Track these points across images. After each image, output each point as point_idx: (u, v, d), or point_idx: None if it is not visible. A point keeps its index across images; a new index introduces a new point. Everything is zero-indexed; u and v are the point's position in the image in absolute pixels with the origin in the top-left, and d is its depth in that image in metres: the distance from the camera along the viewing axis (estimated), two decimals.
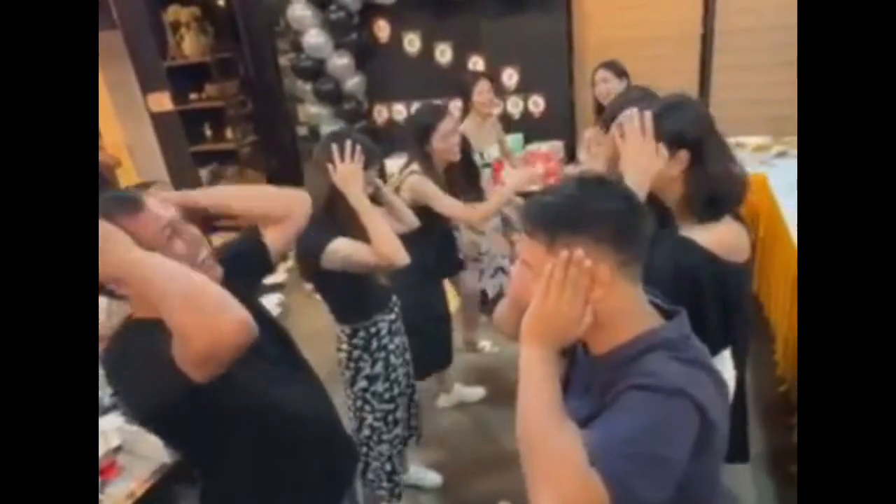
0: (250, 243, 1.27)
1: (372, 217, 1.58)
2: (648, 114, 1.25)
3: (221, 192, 1.26)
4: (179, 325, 0.87)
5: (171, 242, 1.02)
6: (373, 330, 1.81)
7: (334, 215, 1.62)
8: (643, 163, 1.23)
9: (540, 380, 0.83)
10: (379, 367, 1.83)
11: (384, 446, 1.90)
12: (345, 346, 1.83)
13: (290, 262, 3.21)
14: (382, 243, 1.56)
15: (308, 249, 1.58)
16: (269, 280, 2.07)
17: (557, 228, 0.83)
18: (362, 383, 1.84)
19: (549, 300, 0.82)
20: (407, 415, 1.98)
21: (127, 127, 4.98)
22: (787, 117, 3.46)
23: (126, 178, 4.99)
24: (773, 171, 3.00)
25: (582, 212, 0.83)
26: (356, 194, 1.59)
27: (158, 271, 0.89)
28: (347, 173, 1.59)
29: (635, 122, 1.25)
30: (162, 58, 4.44)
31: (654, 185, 1.23)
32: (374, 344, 1.82)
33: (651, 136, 1.23)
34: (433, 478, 2.35)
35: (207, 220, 3.08)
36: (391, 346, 1.85)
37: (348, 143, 1.59)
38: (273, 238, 1.28)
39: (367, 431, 1.90)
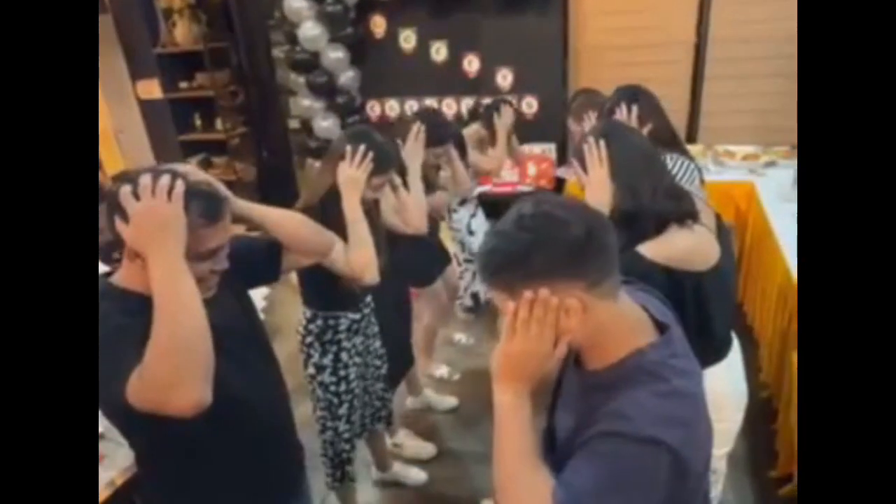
0: (269, 253, 1.30)
1: (357, 229, 1.59)
2: (602, 144, 1.31)
3: (274, 213, 1.27)
4: (148, 365, 0.87)
5: (212, 259, 1.03)
6: (331, 322, 1.80)
7: (327, 211, 1.61)
8: (600, 194, 1.30)
9: (513, 429, 0.83)
10: (327, 360, 1.82)
11: (328, 434, 1.90)
12: (301, 329, 1.84)
13: None
14: (358, 256, 1.59)
15: None
16: None
17: (512, 276, 0.80)
18: (310, 369, 1.85)
19: (515, 341, 0.80)
20: (357, 415, 1.94)
21: (115, 113, 4.90)
22: (776, 128, 3.52)
23: (112, 164, 4.91)
24: (762, 180, 3.04)
25: (532, 252, 0.78)
26: (351, 202, 1.59)
27: (175, 300, 0.90)
28: (350, 179, 1.60)
29: (593, 153, 1.31)
30: (153, 45, 4.39)
31: None
32: (328, 336, 1.81)
33: (606, 166, 1.30)
34: (417, 475, 2.35)
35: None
36: (346, 344, 1.83)
37: (361, 149, 1.59)
38: (290, 259, 1.32)
39: (315, 416, 1.91)
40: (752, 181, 3.05)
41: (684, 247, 1.29)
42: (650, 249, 1.26)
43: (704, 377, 1.41)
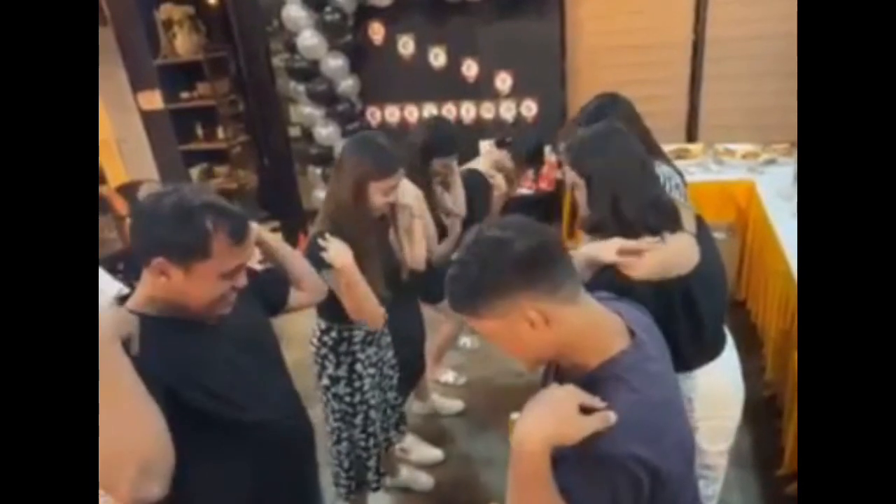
0: (278, 287, 1.35)
1: (358, 293, 1.63)
2: (655, 246, 1.30)
3: (287, 250, 1.35)
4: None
5: (234, 277, 1.05)
6: (345, 334, 1.81)
7: (350, 227, 1.63)
8: (605, 254, 1.31)
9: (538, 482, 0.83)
10: (342, 371, 1.83)
11: (343, 445, 1.91)
12: (315, 341, 1.85)
13: None
14: (362, 314, 1.68)
15: (312, 253, 1.59)
16: None
17: (473, 300, 0.86)
18: (325, 381, 1.85)
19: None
20: (375, 426, 1.95)
21: (117, 124, 4.94)
22: (775, 126, 3.53)
23: (115, 174, 4.95)
24: (762, 178, 3.05)
25: (483, 275, 0.84)
26: (348, 273, 1.59)
27: (107, 371, 0.84)
28: (335, 256, 1.58)
29: (642, 251, 1.31)
30: (154, 56, 4.41)
31: None
32: (343, 347, 1.82)
33: (639, 256, 1.30)
34: (425, 480, 2.36)
35: None
36: (360, 356, 1.84)
37: (324, 244, 1.58)
38: (294, 296, 1.38)
39: (330, 427, 1.92)
40: (753, 179, 3.06)
41: (660, 258, 1.30)
42: (630, 270, 1.28)
43: (701, 375, 1.44)
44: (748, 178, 3.09)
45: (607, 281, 1.26)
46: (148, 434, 0.87)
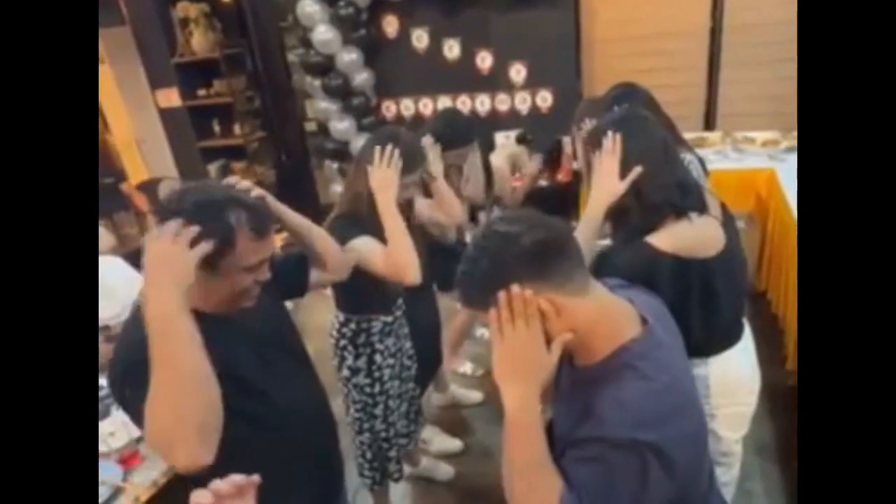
0: (298, 269, 1.35)
1: (395, 227, 1.58)
2: (618, 136, 1.31)
3: (308, 225, 1.31)
4: (146, 417, 0.87)
5: (257, 271, 1.05)
6: (364, 325, 1.82)
7: (369, 215, 1.63)
8: (612, 184, 1.30)
9: (521, 436, 0.85)
10: (361, 362, 1.84)
11: (365, 435, 1.93)
12: (335, 333, 1.86)
13: None
14: (398, 256, 1.57)
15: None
16: None
17: (483, 298, 0.86)
18: (345, 372, 1.87)
19: (505, 339, 0.84)
20: (394, 415, 1.96)
21: (136, 122, 5.01)
22: (795, 113, 3.46)
23: (135, 172, 5.02)
24: (783, 165, 3.00)
25: (492, 270, 0.85)
26: (385, 201, 1.59)
27: (168, 344, 0.88)
28: (382, 179, 1.60)
29: (609, 143, 1.31)
30: (171, 54, 4.47)
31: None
32: (361, 339, 1.83)
33: (618, 157, 1.30)
34: (446, 470, 2.38)
35: None
36: (379, 346, 1.85)
37: (388, 148, 1.61)
38: (316, 276, 1.37)
39: (351, 418, 1.93)
40: (773, 167, 3.01)
41: (688, 236, 1.29)
42: (658, 239, 1.27)
43: (718, 363, 1.44)
44: (769, 167, 3.04)
45: (633, 253, 1.27)
46: (208, 399, 0.90)
